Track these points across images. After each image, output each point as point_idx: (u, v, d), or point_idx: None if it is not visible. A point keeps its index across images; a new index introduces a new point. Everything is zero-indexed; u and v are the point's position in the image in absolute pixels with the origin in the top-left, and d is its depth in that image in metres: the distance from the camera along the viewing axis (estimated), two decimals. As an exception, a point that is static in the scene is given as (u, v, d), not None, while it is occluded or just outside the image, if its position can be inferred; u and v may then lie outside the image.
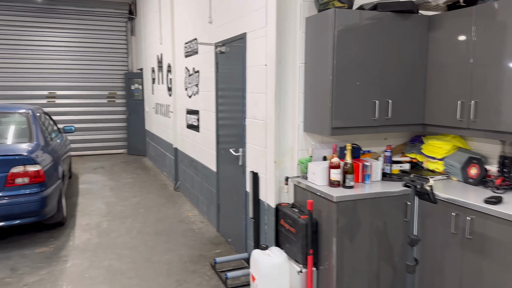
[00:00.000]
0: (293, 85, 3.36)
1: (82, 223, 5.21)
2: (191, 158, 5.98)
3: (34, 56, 9.84)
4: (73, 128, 6.85)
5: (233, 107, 4.21)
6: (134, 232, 4.91)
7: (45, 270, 3.86)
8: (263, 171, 3.58)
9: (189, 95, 5.91)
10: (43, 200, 4.26)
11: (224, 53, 4.36)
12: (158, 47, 8.03)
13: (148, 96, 9.53)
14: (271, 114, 3.35)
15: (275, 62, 3.27)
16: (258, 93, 3.59)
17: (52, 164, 4.70)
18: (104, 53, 10.52)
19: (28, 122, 4.93)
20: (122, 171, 8.53)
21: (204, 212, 5.48)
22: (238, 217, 4.19)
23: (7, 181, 4.10)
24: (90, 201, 6.19)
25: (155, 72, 8.53)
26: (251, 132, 3.80)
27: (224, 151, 4.55)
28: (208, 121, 5.06)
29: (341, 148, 3.35)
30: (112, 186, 7.15)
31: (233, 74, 4.17)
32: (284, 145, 3.40)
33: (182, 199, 6.38)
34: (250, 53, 3.73)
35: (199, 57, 5.35)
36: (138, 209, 5.84)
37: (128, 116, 10.62)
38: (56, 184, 4.69)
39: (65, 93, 10.27)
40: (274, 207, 3.42)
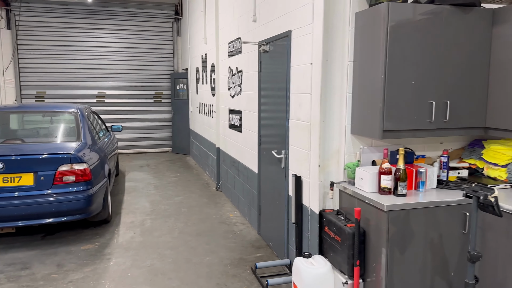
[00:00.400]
0: (340, 84, 3.17)
1: (127, 221, 5.29)
2: (233, 158, 5.92)
3: (84, 56, 10.24)
4: (120, 127, 7.01)
5: (276, 107, 4.08)
6: (176, 231, 4.91)
7: (89, 268, 3.92)
8: (307, 174, 3.42)
9: (232, 95, 5.84)
10: (89, 198, 4.35)
11: (268, 52, 4.24)
12: (202, 47, 8.06)
13: (192, 96, 9.62)
14: (316, 116, 3.19)
15: (322, 60, 3.10)
16: (303, 93, 3.44)
17: (99, 162, 4.80)
18: (151, 54, 10.75)
19: (76, 121, 5.06)
20: (166, 169, 8.66)
21: (245, 214, 5.39)
22: (280, 221, 4.05)
23: (55, 179, 4.21)
24: (135, 199, 6.30)
25: (199, 72, 8.58)
26: (294, 134, 3.65)
27: (266, 153, 4.43)
28: (251, 121, 4.96)
29: (392, 152, 3.13)
30: (156, 184, 7.26)
31: (276, 74, 4.04)
32: (330, 148, 3.22)
33: (223, 199, 6.34)
34: (294, 51, 3.58)
35: (242, 57, 5.26)
36: (180, 208, 5.86)
37: (173, 115, 10.79)
38: (102, 183, 4.78)
39: (114, 93, 10.60)
40: (318, 213, 3.25)
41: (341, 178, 3.25)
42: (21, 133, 5.23)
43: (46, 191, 4.20)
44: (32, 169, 4.17)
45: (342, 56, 3.15)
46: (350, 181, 3.13)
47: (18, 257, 4.15)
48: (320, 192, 3.23)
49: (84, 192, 4.34)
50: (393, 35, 2.75)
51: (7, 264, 3.99)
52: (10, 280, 3.66)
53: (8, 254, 4.22)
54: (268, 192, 4.41)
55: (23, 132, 5.29)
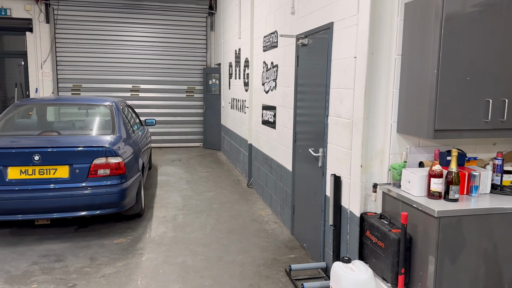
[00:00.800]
0: (386, 79, 2.98)
1: (159, 215, 5.27)
2: (266, 155, 5.79)
3: (119, 50, 10.36)
4: (154, 121, 7.02)
5: (314, 103, 3.91)
6: (208, 228, 4.84)
7: (121, 262, 3.90)
8: (347, 175, 3.25)
9: (266, 90, 5.71)
10: (123, 192, 4.33)
11: (306, 45, 4.07)
12: (236, 42, 7.96)
13: (224, 91, 9.55)
14: (360, 112, 3.00)
15: (367, 53, 2.91)
16: (344, 88, 3.26)
17: (133, 156, 4.78)
18: (184, 48, 10.76)
19: (111, 114, 5.07)
20: (197, 164, 8.64)
21: (277, 212, 5.26)
22: (315, 222, 3.89)
23: (90, 172, 4.22)
24: (167, 193, 6.29)
25: (232, 67, 8.49)
26: (333, 132, 3.47)
27: (301, 150, 4.27)
28: (285, 117, 4.81)
29: (441, 153, 2.90)
30: (188, 179, 7.23)
31: (315, 68, 3.87)
32: (373, 148, 3.03)
33: (254, 196, 6.23)
34: (336, 44, 3.40)
35: (278, 51, 5.11)
36: (212, 204, 5.80)
37: (204, 110, 10.77)
38: (136, 176, 4.77)
39: (148, 87, 10.68)
40: (359, 216, 3.07)
41: (385, 180, 3.05)
42: (57, 126, 5.30)
43: (81, 183, 4.21)
44: (68, 162, 4.18)
45: (389, 50, 2.95)
46: (395, 183, 2.93)
47: (52, 248, 4.19)
48: (362, 194, 3.05)
49: (118, 185, 4.32)
50: (448, 27, 2.53)
51: (41, 255, 4.03)
52: (44, 272, 3.68)
53: (42, 245, 4.27)
54: (303, 191, 4.25)
55: (59, 125, 5.35)
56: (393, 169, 2.92)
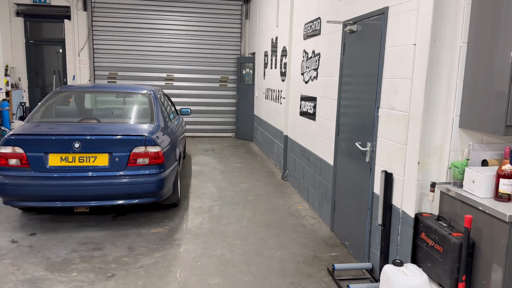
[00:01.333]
0: (449, 69, 2.73)
1: (195, 205, 5.20)
2: (303, 147, 5.61)
3: (155, 39, 10.35)
4: (189, 110, 6.95)
5: (362, 94, 3.69)
6: (244, 221, 4.73)
7: (159, 253, 3.84)
8: (400, 172, 3.03)
9: (306, 80, 5.50)
10: (161, 182, 4.27)
11: (355, 32, 3.84)
12: (273, 30, 7.75)
13: (259, 81, 9.38)
14: (419, 105, 2.78)
15: (429, 40, 2.67)
16: (400, 78, 3.03)
17: (171, 146, 4.71)
18: (219, 37, 10.65)
19: (149, 103, 5.01)
20: (230, 155, 8.55)
21: (315, 207, 5.08)
22: (360, 220, 3.70)
23: (129, 160, 4.17)
24: (202, 183, 6.22)
25: (268, 56, 8.30)
26: (385, 125, 3.25)
27: (345, 144, 4.07)
28: (327, 109, 4.60)
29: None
30: (222, 170, 7.15)
31: (364, 57, 3.64)
32: (431, 143, 2.80)
33: (290, 189, 6.08)
34: (391, 31, 3.16)
35: (321, 39, 4.89)
36: (247, 196, 5.68)
37: (237, 100, 10.66)
38: (173, 166, 4.70)
39: (182, 76, 10.65)
40: (413, 217, 2.86)
41: (443, 179, 2.82)
42: (96, 113, 5.29)
43: (120, 172, 4.17)
44: (108, 150, 4.15)
45: (454, 36, 2.70)
46: (455, 183, 2.70)
47: (90, 236, 4.18)
48: (417, 193, 2.84)
49: (157, 175, 4.26)
50: (527, 11, 2.27)
51: (80, 243, 4.03)
52: (83, 260, 3.67)
53: (81, 232, 4.27)
54: (346, 187, 4.06)
55: (98, 112, 5.35)
56: (454, 167, 2.69)
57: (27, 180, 4.03)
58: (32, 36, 10.23)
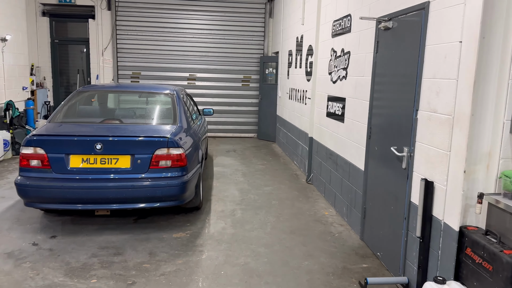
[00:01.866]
0: (499, 69, 2.47)
1: (217, 209, 5.05)
2: (330, 150, 5.38)
3: (178, 38, 10.28)
4: (212, 110, 6.81)
5: (398, 95, 3.45)
6: (268, 226, 4.54)
7: (181, 259, 3.70)
8: (442, 180, 2.78)
9: (334, 80, 5.27)
10: (184, 185, 4.13)
11: (390, 29, 3.60)
12: (298, 28, 7.53)
13: (282, 80, 9.18)
14: (465, 108, 2.53)
15: (478, 37, 2.42)
16: (443, 78, 2.78)
17: (193, 147, 4.57)
18: (242, 36, 10.49)
19: (172, 103, 4.88)
20: (253, 156, 8.38)
21: (343, 214, 4.85)
22: (394, 230, 3.46)
23: (152, 162, 4.04)
24: (224, 186, 6.07)
25: (292, 55, 8.08)
26: (425, 129, 3.01)
27: (378, 148, 3.83)
28: (358, 110, 4.37)
29: None
30: (244, 172, 6.99)
31: (400, 55, 3.40)
32: (478, 150, 2.55)
33: (315, 193, 5.85)
34: (433, 27, 2.92)
35: (351, 36, 4.65)
36: (270, 200, 5.49)
37: (260, 100, 10.48)
38: (196, 168, 4.56)
39: (204, 76, 10.55)
40: (457, 230, 2.61)
41: (491, 189, 2.57)
42: (119, 113, 5.21)
43: (142, 174, 4.05)
44: (130, 152, 4.03)
45: (505, 33, 2.44)
46: (506, 194, 2.44)
47: (111, 240, 4.08)
48: (462, 204, 2.59)
49: (179, 178, 4.12)
50: None
51: (101, 247, 3.92)
52: (103, 266, 3.55)
53: (102, 236, 4.17)
54: (378, 194, 3.82)
55: (120, 112, 5.27)
56: (506, 177, 2.43)
57: (48, 182, 3.95)
58: (57, 35, 10.31)
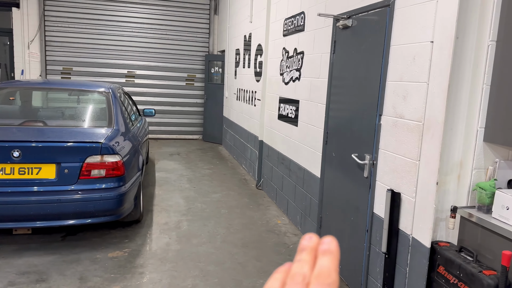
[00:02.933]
0: (472, 72, 2.30)
1: (160, 221, 4.56)
2: (282, 155, 5.10)
3: (115, 32, 9.51)
4: (153, 111, 6.27)
5: (358, 99, 3.22)
6: (218, 239, 4.15)
7: (118, 285, 3.20)
8: (410, 192, 2.57)
9: (286, 81, 4.99)
10: (121, 197, 3.62)
11: (349, 27, 3.36)
12: (246, 26, 7.20)
13: (229, 80, 8.80)
14: (439, 114, 2.32)
15: (454, 37, 2.22)
16: (411, 81, 2.57)
17: (132, 153, 4.05)
18: (186, 33, 9.96)
19: (107, 103, 4.32)
20: (198, 159, 7.92)
21: (296, 222, 4.59)
22: (355, 242, 3.23)
23: (82, 172, 3.49)
24: (167, 194, 5.57)
25: (240, 54, 7.74)
26: (390, 135, 2.79)
27: (336, 154, 3.59)
28: (313, 114, 4.12)
29: (543, 170, 2.25)
30: (189, 177, 6.52)
31: (361, 56, 3.18)
32: (449, 160, 2.36)
33: (266, 200, 5.55)
34: (399, 26, 2.70)
35: (305, 35, 4.40)
36: (219, 208, 5.10)
37: (205, 100, 10.02)
38: (136, 177, 4.05)
39: (144, 73, 9.88)
40: (429, 247, 2.40)
41: (463, 201, 2.39)
42: (43, 114, 4.53)
43: (70, 186, 3.48)
44: (55, 160, 3.44)
45: (481, 33, 2.26)
46: (481, 207, 2.27)
47: (33, 263, 3.46)
48: (434, 218, 2.38)
49: (116, 189, 3.60)
50: None
51: (20, 272, 3.31)
52: (22, 298, 2.97)
53: (22, 258, 3.54)
54: (337, 203, 3.58)
55: (46, 113, 4.59)
56: (481, 189, 2.25)
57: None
58: (-26, 24, 9.12)
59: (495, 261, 2.11)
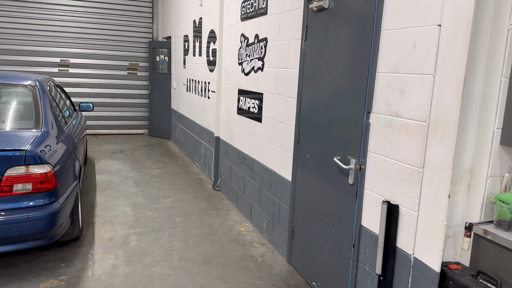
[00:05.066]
0: (488, 62, 1.92)
1: (104, 236, 3.89)
2: (244, 154, 4.60)
3: (44, 15, 8.40)
4: (91, 105, 5.48)
5: (340, 93, 2.78)
6: (174, 257, 3.58)
7: (53, 329, 2.55)
8: (412, 204, 2.18)
9: (246, 71, 4.47)
10: (53, 217, 2.93)
11: (326, 9, 2.90)
12: (195, 10, 6.55)
13: (177, 70, 8.09)
14: (451, 113, 1.93)
15: (471, 19, 1.83)
16: (411, 74, 2.16)
17: (67, 159, 3.34)
18: (126, 17, 9.05)
19: (34, 98, 3.55)
20: (145, 157, 7.19)
21: (262, 229, 4.13)
22: (338, 258, 2.82)
23: (1, 188, 2.75)
24: (111, 201, 4.87)
25: (189, 41, 7.07)
26: (382, 137, 2.38)
27: (311, 156, 3.16)
28: (281, 109, 3.65)
29: None
30: (136, 179, 5.82)
31: (341, 43, 2.73)
32: (458, 167, 1.99)
33: (226, 203, 5.04)
34: (392, 6, 2.28)
35: (268, 20, 3.89)
36: (173, 216, 4.51)
37: (150, 92, 9.22)
38: (72, 188, 3.35)
39: (80, 62, 8.87)
40: (439, 271, 2.03)
41: (475, 216, 2.04)
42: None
43: (-16, 207, 2.73)
44: (-39, 174, 2.68)
45: (497, 15, 1.89)
46: (501, 224, 1.92)
47: None
48: (445, 238, 2.01)
49: (46, 207, 2.90)
50: None
51: None
52: None
53: None
54: (314, 212, 3.15)
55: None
56: (501, 202, 1.90)
57: None
58: None
59: (524, 290, 1.77)
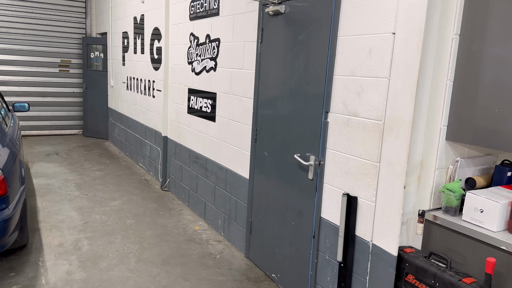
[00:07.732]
0: (435, 67, 2.17)
1: (52, 243, 3.70)
2: (196, 153, 4.61)
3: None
4: (26, 105, 5.13)
5: (298, 94, 2.93)
6: (131, 259, 3.51)
7: None
8: (369, 196, 2.39)
9: (197, 71, 4.48)
10: (4, 224, 2.74)
11: (282, 14, 3.04)
12: (136, 7, 6.38)
13: (115, 67, 7.80)
14: (405, 112, 2.15)
15: (423, 29, 2.05)
16: (367, 77, 2.36)
17: (13, 163, 3.13)
18: (56, 11, 8.53)
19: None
20: (83, 159, 6.86)
21: (218, 227, 4.19)
22: (298, 249, 2.98)
23: None
24: (54, 205, 4.61)
25: (129, 38, 6.86)
26: (340, 135, 2.57)
27: (269, 154, 3.28)
28: (236, 108, 3.73)
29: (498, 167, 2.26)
30: (78, 182, 5.55)
31: (298, 46, 2.88)
32: (410, 160, 2.22)
33: (176, 203, 5.01)
34: (349, 14, 2.46)
35: (221, 21, 3.95)
36: (124, 218, 4.40)
37: (85, 90, 8.78)
38: (20, 193, 3.15)
39: (6, 58, 8.19)
40: (396, 255, 2.25)
41: (425, 204, 2.29)
42: None
43: None
44: None
45: (443, 25, 2.14)
46: (448, 210, 2.18)
47: None
48: (400, 224, 2.23)
49: (-6, 216, 2.71)
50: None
51: None
52: None
53: None
54: (272, 207, 3.28)
55: None
56: (448, 190, 2.16)
57: None
58: None
59: (468, 267, 2.04)
